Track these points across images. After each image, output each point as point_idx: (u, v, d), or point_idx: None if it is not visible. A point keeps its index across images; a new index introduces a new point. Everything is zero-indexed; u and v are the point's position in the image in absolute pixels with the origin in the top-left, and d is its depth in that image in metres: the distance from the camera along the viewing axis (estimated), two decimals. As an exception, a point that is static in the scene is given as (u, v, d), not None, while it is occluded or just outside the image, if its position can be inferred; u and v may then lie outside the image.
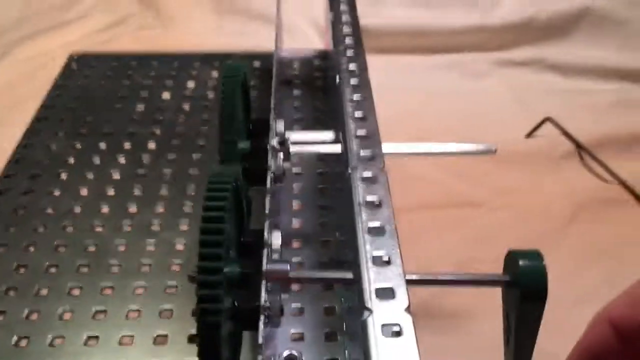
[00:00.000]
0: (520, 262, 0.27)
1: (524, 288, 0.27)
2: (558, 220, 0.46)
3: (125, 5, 0.73)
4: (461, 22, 0.65)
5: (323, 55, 0.61)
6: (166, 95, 0.57)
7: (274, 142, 0.34)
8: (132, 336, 0.36)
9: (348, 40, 0.43)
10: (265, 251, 0.27)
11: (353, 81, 0.39)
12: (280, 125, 0.36)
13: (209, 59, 0.62)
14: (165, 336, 0.36)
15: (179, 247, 0.42)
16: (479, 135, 0.55)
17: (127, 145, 0.51)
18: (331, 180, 0.47)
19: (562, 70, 0.62)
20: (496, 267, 0.44)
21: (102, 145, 0.51)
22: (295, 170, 0.48)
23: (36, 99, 0.56)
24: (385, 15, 0.66)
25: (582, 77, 0.62)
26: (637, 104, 0.58)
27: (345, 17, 0.46)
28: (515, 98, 0.60)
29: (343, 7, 0.48)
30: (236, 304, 0.26)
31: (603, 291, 0.41)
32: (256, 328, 0.25)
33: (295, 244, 0.42)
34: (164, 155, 0.50)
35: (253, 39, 0.66)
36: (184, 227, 0.43)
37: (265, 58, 0.62)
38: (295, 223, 0.44)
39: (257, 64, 0.61)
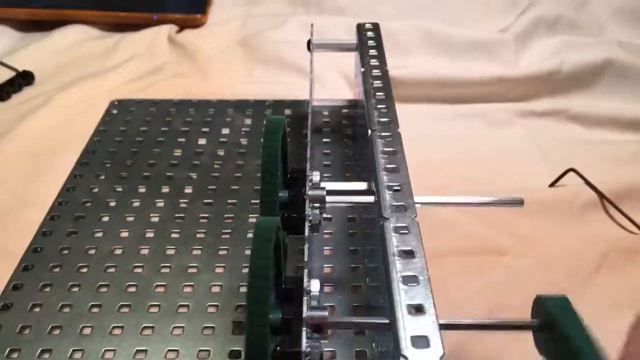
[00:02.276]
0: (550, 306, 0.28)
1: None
2: (583, 268, 0.47)
3: (163, 54, 0.76)
4: (484, 73, 0.67)
5: (352, 104, 0.63)
6: (202, 140, 0.59)
7: (311, 192, 0.36)
8: (171, 376, 0.38)
9: (379, 94, 0.46)
10: (305, 298, 0.29)
11: (384, 134, 0.41)
12: (316, 177, 0.38)
13: (242, 106, 0.65)
14: (203, 376, 0.38)
15: (215, 289, 0.44)
16: (503, 183, 0.57)
17: (165, 189, 0.53)
18: (361, 227, 0.49)
19: (583, 121, 0.64)
20: (522, 313, 0.45)
21: (142, 189, 0.53)
22: (326, 215, 0.50)
23: (78, 144, 0.59)
24: (410, 66, 0.69)
25: (603, 128, 0.63)
26: (659, 154, 0.59)
27: (375, 72, 0.49)
28: (537, 148, 0.61)
29: (374, 61, 0.50)
30: (278, 348, 0.28)
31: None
32: (297, 372, 0.27)
33: (327, 289, 0.44)
34: (200, 199, 0.52)
35: (283, 87, 0.69)
36: (219, 270, 0.45)
37: (295, 105, 0.65)
38: (327, 268, 0.45)
39: (287, 111, 0.64)
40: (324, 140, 0.59)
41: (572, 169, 0.55)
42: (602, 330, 0.42)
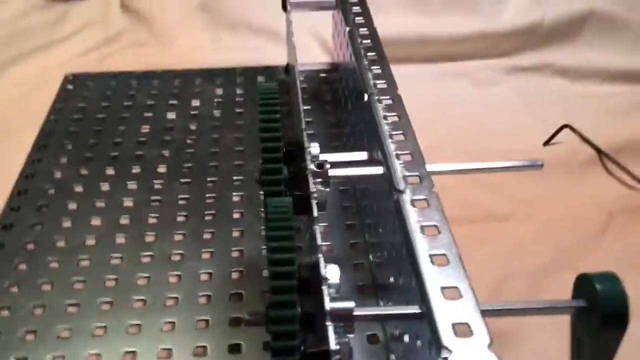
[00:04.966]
0: (598, 286, 0.26)
1: (604, 313, 0.25)
2: (588, 230, 0.45)
3: (116, 21, 0.70)
4: (465, 29, 0.64)
5: (332, 68, 0.59)
6: (171, 114, 0.54)
7: (313, 166, 0.32)
8: (166, 378, 0.34)
9: (370, 54, 0.42)
10: (324, 287, 0.26)
11: (385, 99, 0.37)
12: (315, 149, 0.34)
13: (210, 75, 0.60)
14: (203, 376, 0.34)
15: (204, 277, 0.40)
16: (495, 145, 0.54)
17: (136, 169, 0.48)
18: (355, 199, 0.46)
19: (570, 74, 0.61)
20: (531, 283, 0.43)
21: (110, 171, 0.48)
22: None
23: (33, 125, 0.53)
24: (390, 24, 0.65)
25: (590, 81, 0.61)
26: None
27: (363, 30, 0.45)
28: (525, 105, 0.59)
29: (359, 19, 0.46)
30: (302, 348, 0.24)
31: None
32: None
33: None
34: (176, 179, 0.47)
35: (254, 53, 0.64)
36: (206, 255, 0.41)
37: (269, 72, 0.60)
38: (323, 246, 0.42)
39: (260, 79, 0.60)
40: (304, 107, 0.55)
41: (566, 125, 0.53)
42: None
